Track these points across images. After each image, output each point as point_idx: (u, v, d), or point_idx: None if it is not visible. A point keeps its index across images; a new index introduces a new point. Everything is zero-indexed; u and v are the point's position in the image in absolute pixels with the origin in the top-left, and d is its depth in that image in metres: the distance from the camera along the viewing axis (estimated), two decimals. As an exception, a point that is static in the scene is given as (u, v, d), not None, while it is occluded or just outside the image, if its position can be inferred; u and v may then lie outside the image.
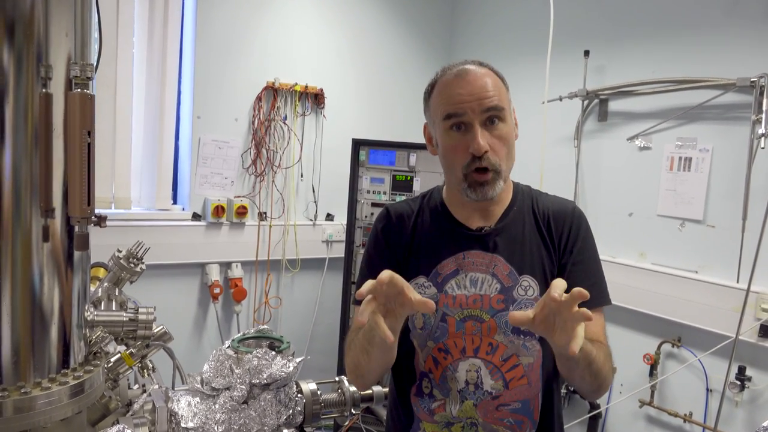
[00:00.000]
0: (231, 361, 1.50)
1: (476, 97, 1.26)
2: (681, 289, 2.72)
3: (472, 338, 1.32)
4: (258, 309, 3.53)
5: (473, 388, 1.32)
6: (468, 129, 1.27)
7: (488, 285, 1.32)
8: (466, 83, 1.28)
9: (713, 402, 2.66)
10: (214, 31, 3.22)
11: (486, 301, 1.32)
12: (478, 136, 1.25)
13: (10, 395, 1.01)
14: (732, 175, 2.62)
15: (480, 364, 1.32)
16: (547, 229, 1.37)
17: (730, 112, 2.64)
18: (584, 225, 1.40)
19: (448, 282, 1.34)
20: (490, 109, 1.26)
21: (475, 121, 1.26)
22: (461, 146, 1.28)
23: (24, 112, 1.00)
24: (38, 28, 1.00)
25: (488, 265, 1.33)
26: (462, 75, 1.30)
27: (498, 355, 1.31)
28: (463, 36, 4.05)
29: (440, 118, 1.31)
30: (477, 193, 1.29)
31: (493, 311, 1.31)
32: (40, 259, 1.04)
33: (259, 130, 3.35)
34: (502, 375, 1.31)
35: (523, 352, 1.32)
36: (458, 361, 1.33)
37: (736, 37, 2.61)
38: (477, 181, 1.28)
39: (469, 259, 1.34)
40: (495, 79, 1.31)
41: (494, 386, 1.31)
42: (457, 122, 1.28)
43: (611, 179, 3.12)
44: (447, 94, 1.30)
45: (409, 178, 3.33)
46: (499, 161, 1.28)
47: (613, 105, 3.11)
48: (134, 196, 3.11)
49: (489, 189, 1.28)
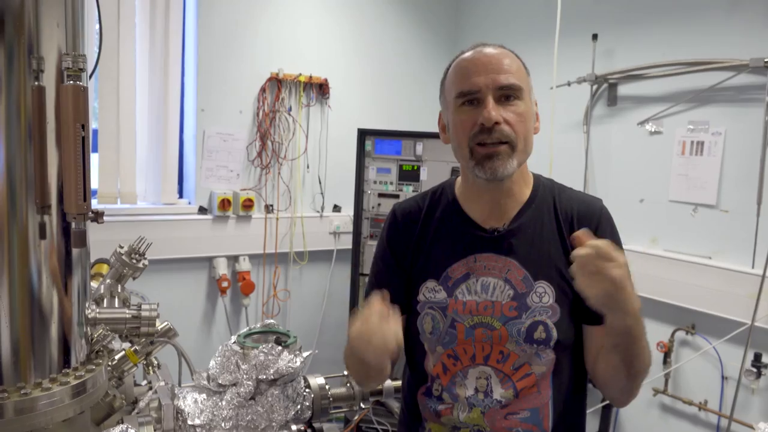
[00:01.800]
0: (237, 356, 1.47)
1: (492, 72, 1.18)
2: (694, 275, 2.68)
3: (482, 346, 1.25)
4: (266, 302, 3.51)
5: (482, 395, 1.26)
6: (480, 104, 1.18)
7: (500, 291, 1.25)
8: (481, 63, 1.20)
9: (729, 390, 2.62)
10: (217, 22, 3.18)
11: (497, 308, 1.24)
12: (489, 106, 1.16)
13: (11, 396, 0.99)
14: (746, 158, 2.57)
15: (490, 372, 1.25)
16: (570, 230, 1.26)
17: (743, 94, 2.59)
18: (612, 227, 1.30)
19: (458, 287, 1.27)
20: (505, 87, 1.18)
21: (488, 94, 1.17)
22: (471, 119, 1.19)
23: (17, 106, 0.98)
24: (29, 19, 0.97)
25: (501, 270, 1.26)
26: (477, 55, 1.22)
27: (509, 363, 1.24)
28: (469, 23, 4.00)
29: (453, 98, 1.23)
30: (486, 170, 1.18)
31: (505, 319, 1.24)
32: (38, 257, 1.02)
33: (264, 122, 3.32)
34: (513, 384, 1.25)
35: (536, 361, 1.24)
36: (468, 368, 1.27)
37: (749, 16, 2.54)
38: (485, 154, 1.18)
39: (480, 263, 1.27)
40: (514, 59, 1.24)
41: (504, 395, 1.25)
42: (469, 99, 1.20)
43: (621, 165, 3.07)
44: (461, 74, 1.22)
45: (416, 168, 3.29)
46: (514, 134, 1.18)
47: (622, 89, 3.06)
48: (140, 191, 3.09)
49: (499, 163, 1.18)
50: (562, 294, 1.24)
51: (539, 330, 1.23)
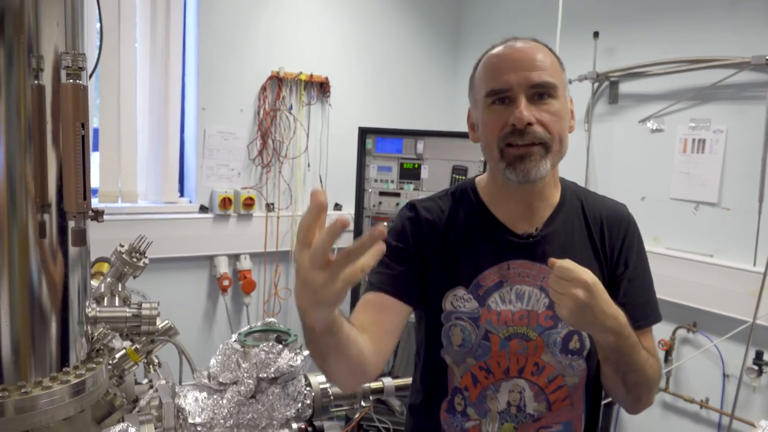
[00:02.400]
0: (238, 355, 1.47)
1: (523, 69, 1.11)
2: (696, 273, 2.68)
3: (517, 358, 1.19)
4: (267, 301, 3.51)
5: (515, 410, 1.20)
6: (512, 103, 1.11)
7: (536, 300, 1.19)
8: (512, 59, 1.13)
9: (730, 388, 2.61)
10: (218, 20, 3.18)
11: (534, 317, 1.18)
12: (522, 105, 1.09)
13: (11, 395, 0.99)
14: (747, 156, 2.56)
15: (524, 386, 1.20)
16: (600, 236, 1.22)
17: (744, 92, 2.58)
18: (638, 234, 1.28)
19: (491, 295, 1.20)
20: (538, 84, 1.10)
21: (520, 93, 1.10)
22: (501, 118, 1.11)
23: (16, 105, 0.97)
24: (28, 18, 0.97)
25: (536, 277, 1.19)
26: (508, 50, 1.15)
27: (544, 376, 1.20)
28: (470, 21, 3.99)
29: (482, 96, 1.15)
30: (518, 172, 1.11)
31: (541, 329, 1.18)
32: (38, 256, 1.02)
33: (265, 121, 3.32)
34: (546, 397, 1.20)
35: (569, 372, 1.20)
36: (500, 381, 1.20)
37: (750, 14, 2.54)
38: (517, 155, 1.10)
39: (514, 270, 1.19)
40: (548, 54, 1.16)
41: (537, 408, 1.20)
42: (500, 97, 1.12)
43: (623, 163, 3.07)
44: (491, 70, 1.15)
45: (417, 166, 3.28)
46: (548, 135, 1.11)
47: (623, 87, 3.05)
48: (141, 190, 3.10)
49: (532, 166, 1.10)
50: None
51: (574, 339, 1.20)
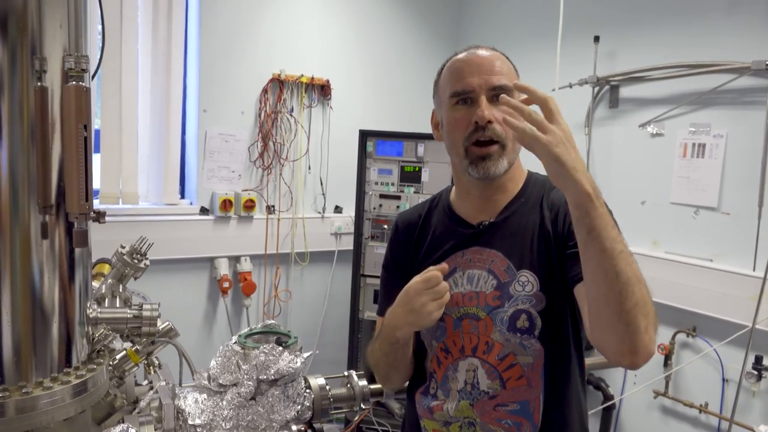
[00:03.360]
0: (238, 357, 1.47)
1: (485, 73, 1.24)
2: (695, 277, 2.68)
3: (470, 337, 1.29)
4: (267, 303, 3.52)
5: (470, 388, 1.29)
6: (474, 103, 1.24)
7: (484, 281, 1.28)
8: (475, 64, 1.26)
9: (729, 392, 2.61)
10: (219, 23, 3.19)
11: (482, 298, 1.28)
12: (483, 105, 1.22)
13: (12, 395, 0.99)
14: (747, 161, 2.57)
15: (477, 364, 1.28)
16: (554, 220, 1.28)
17: (744, 97, 2.59)
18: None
19: (446, 281, 1.27)
20: (497, 87, 1.23)
21: (481, 94, 1.23)
22: (465, 119, 1.25)
23: (19, 106, 0.98)
24: (32, 20, 0.97)
25: (485, 261, 1.29)
26: (471, 57, 1.28)
27: (494, 354, 1.26)
28: (471, 24, 4.00)
29: (447, 97, 1.28)
30: (479, 169, 1.24)
31: (489, 308, 1.27)
32: (40, 257, 1.02)
33: (266, 123, 3.33)
34: (499, 375, 1.26)
35: (521, 350, 1.25)
36: (458, 360, 1.30)
37: (751, 19, 2.55)
38: (479, 155, 1.24)
39: (467, 257, 1.32)
40: (505, 62, 1.29)
41: (491, 386, 1.27)
42: (463, 98, 1.26)
43: (623, 167, 3.07)
44: (455, 74, 1.28)
45: (418, 169, 3.29)
46: (505, 135, 1.23)
47: (624, 91, 3.06)
48: (142, 191, 3.10)
49: (492, 164, 1.23)
50: (548, 283, 1.24)
51: (522, 318, 1.24)
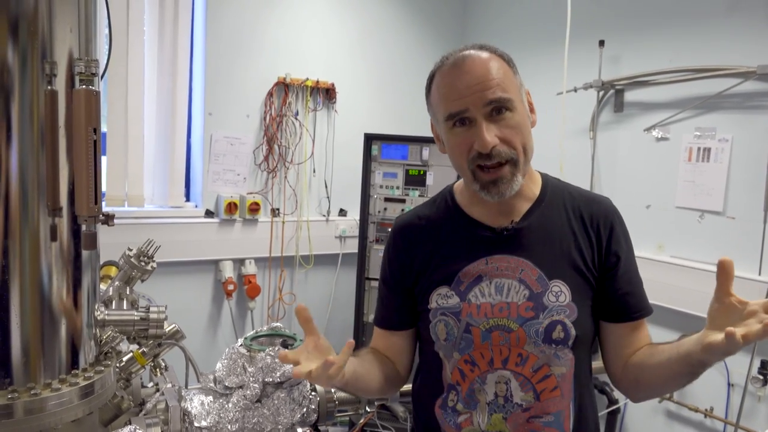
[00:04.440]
0: (244, 359, 1.48)
1: (477, 89, 1.14)
2: (701, 282, 2.67)
3: (500, 349, 1.22)
4: (272, 305, 3.52)
5: (503, 400, 1.23)
6: (472, 124, 1.16)
7: (515, 292, 1.22)
8: (464, 74, 1.16)
9: (735, 397, 2.61)
10: (225, 27, 3.20)
11: (514, 309, 1.21)
12: (484, 131, 1.13)
13: (21, 397, 1.00)
14: (752, 165, 2.56)
15: (509, 376, 1.23)
16: (583, 228, 1.25)
17: (750, 101, 2.58)
18: (624, 226, 1.30)
19: (471, 290, 1.24)
20: (493, 101, 1.14)
21: (478, 115, 1.14)
22: (466, 142, 1.16)
23: (30, 110, 0.99)
24: (42, 25, 0.98)
25: (515, 270, 1.22)
26: (459, 65, 1.17)
27: (528, 366, 1.22)
28: (476, 28, 4.01)
29: (442, 119, 1.20)
30: (492, 194, 1.17)
31: (522, 320, 1.21)
32: (49, 259, 1.03)
33: (271, 126, 3.34)
34: (533, 387, 1.22)
35: (555, 362, 1.22)
36: (486, 373, 1.23)
37: (756, 23, 2.54)
38: (488, 180, 1.17)
39: (492, 264, 1.24)
40: (498, 63, 1.18)
41: (524, 398, 1.22)
42: (460, 119, 1.17)
43: (628, 171, 3.07)
44: (445, 90, 1.19)
45: (422, 173, 3.29)
46: (513, 151, 1.15)
47: (629, 95, 3.06)
48: (147, 194, 3.11)
49: (505, 186, 1.16)
50: (578, 292, 1.22)
51: (557, 330, 1.21)
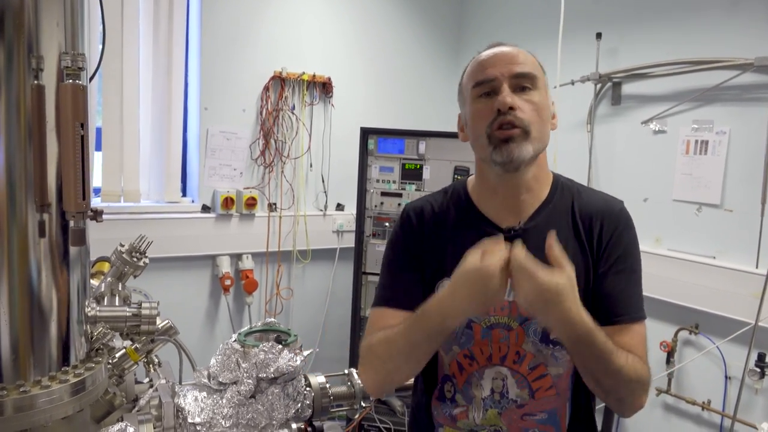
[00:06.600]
0: (238, 355, 1.47)
1: (506, 62, 1.22)
2: (698, 275, 2.67)
3: (499, 346, 1.26)
4: (269, 300, 3.52)
5: (498, 396, 1.26)
6: (496, 93, 1.21)
7: None
8: (497, 56, 1.25)
9: (732, 390, 2.61)
10: (220, 21, 3.18)
11: (515, 308, 1.25)
12: (505, 92, 1.19)
13: (10, 394, 0.99)
14: (750, 157, 2.55)
15: (506, 373, 1.26)
16: (588, 232, 1.27)
17: (747, 93, 2.57)
18: (630, 231, 1.32)
19: None
20: (520, 75, 1.21)
21: (503, 82, 1.21)
22: (488, 108, 1.21)
23: (16, 105, 0.98)
24: (28, 18, 0.97)
25: None
26: (493, 51, 1.27)
27: (525, 364, 1.25)
28: (472, 21, 3.99)
29: (470, 90, 1.26)
30: (502, 153, 1.19)
31: (522, 319, 1.25)
32: (37, 255, 1.02)
33: (267, 121, 3.33)
34: (529, 384, 1.25)
35: (552, 362, 1.25)
36: (484, 368, 1.27)
37: (754, 15, 2.53)
38: (501, 138, 1.19)
39: None
40: (529, 56, 1.27)
41: (519, 395, 1.26)
42: (486, 89, 1.23)
43: (625, 164, 3.06)
44: (478, 68, 1.26)
45: (419, 167, 3.28)
46: (529, 122, 1.20)
47: (626, 88, 3.04)
48: (143, 189, 3.10)
49: (515, 147, 1.18)
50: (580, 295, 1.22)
51: None
